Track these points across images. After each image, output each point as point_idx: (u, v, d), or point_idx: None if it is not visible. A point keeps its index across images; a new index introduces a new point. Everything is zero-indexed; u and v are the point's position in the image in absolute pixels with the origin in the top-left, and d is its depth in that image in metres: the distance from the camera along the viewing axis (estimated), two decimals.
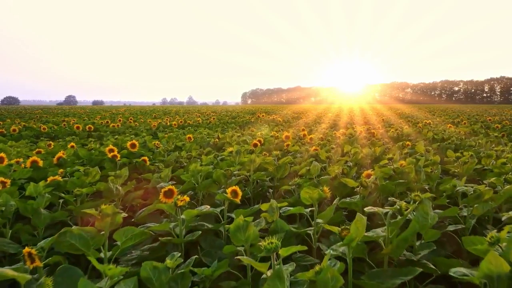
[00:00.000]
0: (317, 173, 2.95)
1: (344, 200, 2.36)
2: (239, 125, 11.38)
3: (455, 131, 6.93)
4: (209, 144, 5.67)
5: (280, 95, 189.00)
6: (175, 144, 5.25)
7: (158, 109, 31.06)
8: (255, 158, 3.06)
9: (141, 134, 7.25)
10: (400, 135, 6.52)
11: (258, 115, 13.90)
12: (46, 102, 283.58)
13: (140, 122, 10.70)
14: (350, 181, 2.46)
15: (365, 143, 5.66)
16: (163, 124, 9.86)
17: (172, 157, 4.17)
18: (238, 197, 2.24)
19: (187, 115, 16.08)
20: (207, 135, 6.90)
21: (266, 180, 3.22)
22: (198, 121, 11.01)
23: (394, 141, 5.96)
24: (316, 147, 4.65)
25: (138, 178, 3.65)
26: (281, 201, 2.56)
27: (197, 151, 4.64)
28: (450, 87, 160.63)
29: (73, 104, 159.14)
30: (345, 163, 3.74)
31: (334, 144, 5.41)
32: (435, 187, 2.89)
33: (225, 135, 6.30)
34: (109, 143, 5.06)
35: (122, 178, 2.90)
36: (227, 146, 5.57)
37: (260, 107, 35.70)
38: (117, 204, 2.62)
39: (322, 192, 2.04)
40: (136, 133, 7.86)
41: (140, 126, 9.14)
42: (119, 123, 9.57)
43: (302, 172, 3.06)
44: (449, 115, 15.20)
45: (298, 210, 2.12)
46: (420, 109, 28.80)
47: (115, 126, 8.59)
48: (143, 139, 5.54)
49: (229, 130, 8.66)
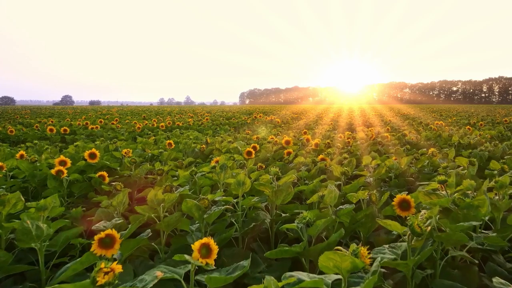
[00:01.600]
0: (334, 202, 2.04)
1: (387, 258, 1.45)
2: (234, 126, 10.45)
3: (480, 134, 6.03)
4: (194, 151, 4.75)
5: (278, 95, 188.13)
6: (151, 152, 4.32)
7: (151, 109, 30.03)
8: (244, 179, 2.14)
9: (120, 138, 6.32)
10: (419, 140, 5.60)
11: (255, 116, 12.96)
12: (43, 102, 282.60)
13: (126, 123, 9.75)
14: (393, 224, 1.54)
15: (382, 150, 4.75)
16: (149, 126, 8.91)
17: (142, 171, 3.24)
18: (211, 257, 1.32)
19: (179, 115, 15.11)
20: (195, 139, 5.97)
21: (261, 208, 2.30)
22: (189, 122, 10.05)
23: (413, 147, 5.05)
24: (324, 156, 3.74)
25: (90, 203, 2.72)
26: (283, 249, 1.68)
27: (177, 161, 3.71)
28: (449, 87, 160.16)
29: (70, 104, 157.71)
30: (366, 183, 2.83)
31: (345, 150, 4.50)
32: (500, 221, 1.99)
33: (215, 140, 5.37)
34: (70, 150, 4.13)
35: (48, 210, 1.98)
36: (216, 153, 4.66)
37: (257, 107, 34.77)
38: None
39: (357, 260, 1.14)
40: (116, 136, 6.92)
41: (121, 128, 8.20)
42: (100, 125, 8.62)
43: (312, 200, 2.15)
44: (460, 116, 14.33)
45: (314, 284, 1.21)
46: (422, 109, 27.89)
47: (94, 128, 7.65)
48: (114, 146, 4.61)
49: (222, 132, 7.73)
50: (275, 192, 2.24)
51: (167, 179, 2.87)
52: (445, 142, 5.73)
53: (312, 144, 4.66)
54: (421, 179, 3.37)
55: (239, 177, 2.15)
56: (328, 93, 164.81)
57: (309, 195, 2.57)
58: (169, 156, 4.11)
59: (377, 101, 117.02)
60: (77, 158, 3.56)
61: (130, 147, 4.76)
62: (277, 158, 4.31)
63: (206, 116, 13.39)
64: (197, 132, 7.29)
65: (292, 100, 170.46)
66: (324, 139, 6.49)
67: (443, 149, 4.88)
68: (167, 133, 7.40)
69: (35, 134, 7.04)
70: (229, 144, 4.78)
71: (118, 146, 4.65)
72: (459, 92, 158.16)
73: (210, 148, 4.85)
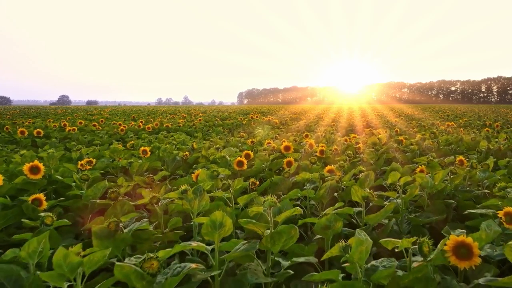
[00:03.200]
0: (365, 258, 1.26)
1: None
2: (229, 128, 9.65)
3: (506, 138, 5.26)
4: (175, 160, 3.96)
5: (276, 95, 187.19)
6: (122, 161, 3.54)
7: (146, 109, 29.13)
8: (222, 219, 1.37)
9: (96, 141, 5.53)
10: (440, 145, 4.83)
11: (252, 117, 12.15)
12: (41, 102, 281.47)
13: (111, 125, 8.94)
14: None
15: (399, 158, 3.98)
16: (134, 127, 8.09)
17: (96, 191, 2.45)
18: None
19: (172, 116, 14.29)
20: (180, 143, 5.18)
21: (251, 264, 1.52)
22: (179, 123, 9.22)
23: (437, 154, 4.27)
24: (334, 168, 2.97)
25: None
26: None
27: (146, 176, 2.92)
28: (447, 87, 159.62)
29: (67, 104, 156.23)
30: (395, 212, 2.06)
31: (357, 159, 3.72)
32: None
33: (202, 146, 4.58)
34: (18, 160, 3.34)
35: None
36: (203, 161, 3.88)
37: (255, 107, 33.94)
38: None
39: None
40: (93, 139, 6.12)
41: (102, 131, 7.38)
42: (79, 127, 7.80)
43: (330, 255, 1.36)
44: (469, 117, 13.59)
45: None
46: (424, 109, 27.11)
47: (71, 130, 6.84)
48: (78, 153, 3.82)
49: (213, 135, 6.94)
50: (272, 236, 1.46)
51: (123, 206, 2.09)
52: (468, 148, 4.96)
53: (317, 151, 3.88)
54: (461, 200, 2.60)
55: (215, 217, 1.37)
56: (326, 93, 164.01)
57: (321, 233, 1.80)
58: (141, 168, 3.32)
59: (376, 101, 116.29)
60: (17, 173, 2.77)
61: (100, 155, 3.97)
62: (274, 169, 3.53)
63: (199, 117, 12.56)
64: (185, 135, 6.48)
65: (290, 100, 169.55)
66: (329, 143, 5.72)
67: (470, 157, 4.12)
68: (152, 135, 6.61)
69: (1, 138, 6.24)
70: (217, 151, 3.99)
71: (84, 154, 3.86)
72: (457, 92, 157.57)
73: (195, 156, 4.06)
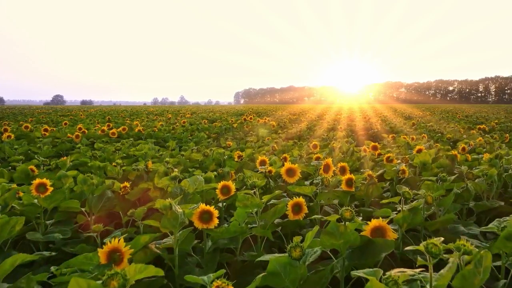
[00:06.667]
0: None
1: None
2: (216, 132, 8.03)
3: None
4: (105, 197, 2.36)
5: (273, 95, 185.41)
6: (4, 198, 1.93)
7: (134, 109, 27.35)
8: None
9: (13, 159, 3.94)
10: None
11: (245, 118, 10.53)
12: (36, 102, 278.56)
13: (63, 130, 7.29)
14: None
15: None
16: (96, 133, 6.45)
17: None
18: None
19: (156, 117, 12.68)
20: (132, 162, 3.58)
21: None
22: (154, 128, 7.52)
23: None
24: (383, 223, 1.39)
25: None
26: None
27: None
28: (445, 86, 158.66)
29: (61, 104, 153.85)
30: None
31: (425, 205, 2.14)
32: None
33: (158, 168, 2.94)
34: None
35: None
36: (153, 194, 2.31)
37: (251, 107, 32.31)
38: None
39: None
40: (30, 149, 4.53)
41: (45, 137, 5.68)
42: (24, 132, 6.18)
43: None
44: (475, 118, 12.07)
45: None
46: (425, 109, 25.60)
47: (7, 137, 5.23)
48: None
49: (191, 144, 5.31)
50: None
51: None
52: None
53: (343, 182, 2.29)
54: None
55: None
56: (324, 93, 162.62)
57: None
58: (15, 225, 1.72)
59: (374, 100, 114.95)
60: None
61: None
62: (272, 228, 1.93)
63: (184, 119, 10.92)
64: (153, 145, 4.86)
65: (287, 100, 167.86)
66: (347, 156, 4.16)
67: None
68: (109, 144, 5.01)
69: None
70: (174, 182, 2.36)
71: None
72: (455, 91, 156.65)
73: (141, 188, 2.48)
